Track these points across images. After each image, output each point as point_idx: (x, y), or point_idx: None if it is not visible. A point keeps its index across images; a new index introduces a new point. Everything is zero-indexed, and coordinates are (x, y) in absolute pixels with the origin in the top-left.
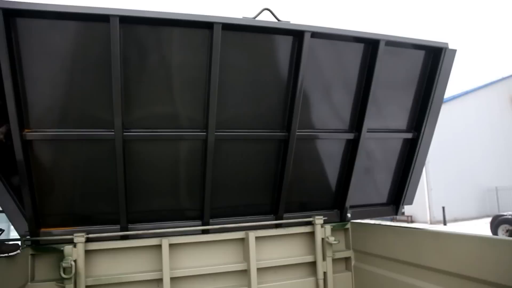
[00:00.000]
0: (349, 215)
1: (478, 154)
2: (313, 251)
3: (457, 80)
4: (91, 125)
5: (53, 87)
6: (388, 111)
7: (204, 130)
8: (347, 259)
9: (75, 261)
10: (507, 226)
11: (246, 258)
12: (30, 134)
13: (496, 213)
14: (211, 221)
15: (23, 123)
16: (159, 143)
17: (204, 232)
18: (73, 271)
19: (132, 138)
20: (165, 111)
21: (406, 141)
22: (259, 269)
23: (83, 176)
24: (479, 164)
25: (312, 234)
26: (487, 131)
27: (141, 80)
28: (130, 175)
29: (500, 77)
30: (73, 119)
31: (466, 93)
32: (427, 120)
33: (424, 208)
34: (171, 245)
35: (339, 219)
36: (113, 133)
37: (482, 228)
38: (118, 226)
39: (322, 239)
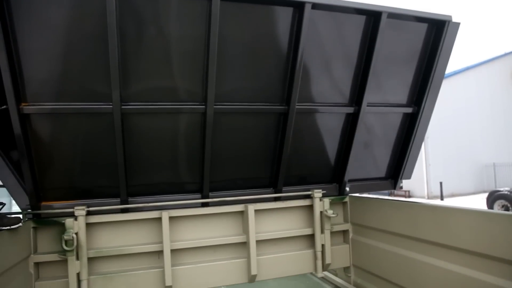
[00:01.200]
0: (347, 189)
1: (478, 131)
2: (311, 224)
3: (458, 55)
4: (89, 99)
5: (49, 60)
6: (389, 85)
7: (203, 103)
8: (345, 232)
9: (76, 233)
10: (502, 202)
11: (245, 230)
12: (27, 108)
13: (493, 189)
14: (210, 194)
15: (19, 97)
16: (158, 117)
17: (204, 205)
18: (75, 243)
19: (130, 111)
20: (163, 84)
21: (406, 115)
22: (258, 241)
23: (82, 149)
24: (478, 140)
25: (310, 207)
26: (487, 108)
27: (139, 52)
28: (129, 149)
29: (502, 52)
30: (71, 92)
31: (468, 68)
32: (427, 95)
33: (421, 183)
34: (171, 218)
35: (337, 192)
36: (111, 106)
37: (478, 203)
38: (118, 200)
39: (321, 212)
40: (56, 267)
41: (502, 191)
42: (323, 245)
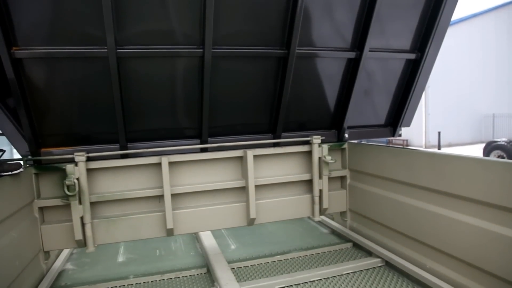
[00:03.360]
0: (346, 135)
1: (480, 81)
2: (309, 169)
3: (465, 1)
4: (83, 42)
5: (39, 1)
6: (392, 30)
7: (201, 47)
8: (342, 178)
9: (77, 179)
10: (499, 152)
11: (244, 175)
12: (19, 52)
13: (490, 139)
14: (209, 139)
15: (10, 41)
16: (155, 61)
17: (203, 150)
18: (77, 188)
19: (126, 55)
20: (159, 26)
21: (408, 62)
22: (257, 186)
23: (79, 95)
24: (480, 90)
25: (309, 153)
26: (492, 57)
27: None
28: (127, 94)
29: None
30: (63, 35)
31: (474, 16)
32: (431, 42)
33: (420, 132)
34: (170, 163)
35: (336, 139)
36: (106, 50)
37: (475, 153)
38: (117, 145)
39: (319, 158)
40: (60, 211)
41: (499, 141)
42: (320, 190)
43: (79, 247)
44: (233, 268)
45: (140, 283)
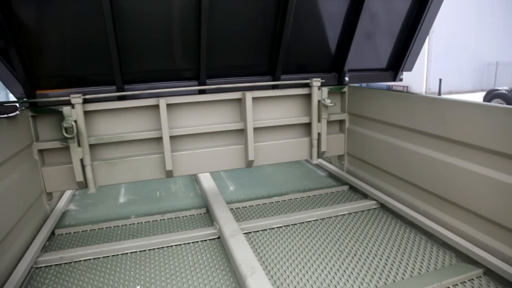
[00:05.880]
0: (347, 78)
1: (487, 27)
2: (308, 112)
3: None
4: None
5: None
6: None
7: None
8: (341, 122)
9: (75, 121)
10: (499, 101)
11: (243, 118)
12: None
13: (492, 87)
14: (207, 81)
15: None
16: None
17: (201, 92)
18: (75, 130)
19: None
20: None
21: (414, 3)
22: (255, 129)
23: (72, 35)
24: (486, 38)
25: (308, 96)
26: (501, 3)
27: None
28: (122, 34)
29: None
30: None
31: None
32: None
33: (421, 79)
34: (168, 105)
35: (336, 82)
36: None
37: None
38: (114, 87)
39: (319, 101)
40: (60, 154)
41: (500, 90)
42: (319, 134)
43: (80, 188)
44: (232, 209)
45: (141, 222)
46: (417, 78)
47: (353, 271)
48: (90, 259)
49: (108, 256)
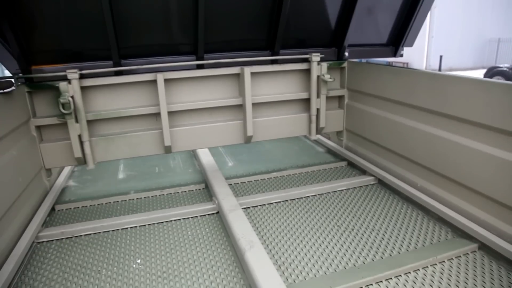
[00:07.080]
0: (346, 54)
1: (489, 4)
2: (307, 88)
3: None
4: None
5: None
6: None
7: None
8: (340, 98)
9: (72, 97)
10: (500, 78)
11: (241, 93)
12: None
13: (493, 65)
14: (205, 56)
15: None
16: None
17: (199, 67)
18: (72, 106)
19: None
20: None
21: None
22: (254, 104)
23: (66, 8)
24: (488, 14)
25: (308, 71)
26: None
27: None
28: (117, 7)
29: None
30: None
31: None
32: None
33: (421, 55)
34: (166, 80)
35: (336, 57)
36: None
37: None
38: (110, 62)
39: (318, 76)
40: (58, 130)
41: (502, 67)
42: (318, 109)
43: (79, 164)
44: (231, 184)
45: (141, 198)
46: (417, 54)
47: (350, 246)
48: (90, 233)
49: (109, 231)
